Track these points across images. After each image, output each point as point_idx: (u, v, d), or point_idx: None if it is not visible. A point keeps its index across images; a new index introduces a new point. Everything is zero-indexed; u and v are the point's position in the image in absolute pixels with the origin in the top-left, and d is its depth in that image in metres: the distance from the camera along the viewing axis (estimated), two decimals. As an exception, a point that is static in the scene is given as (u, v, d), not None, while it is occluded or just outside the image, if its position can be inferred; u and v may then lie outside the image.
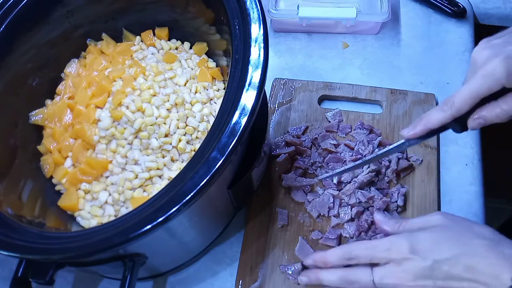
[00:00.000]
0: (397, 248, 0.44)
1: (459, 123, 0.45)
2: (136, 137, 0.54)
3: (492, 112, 0.42)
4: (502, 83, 0.40)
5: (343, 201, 0.60)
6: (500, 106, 0.42)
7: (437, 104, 0.68)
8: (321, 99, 0.70)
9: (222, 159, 0.42)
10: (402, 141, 0.48)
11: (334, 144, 0.64)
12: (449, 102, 0.44)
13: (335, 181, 0.61)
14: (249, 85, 0.45)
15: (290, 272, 0.55)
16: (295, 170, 0.63)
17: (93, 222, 0.54)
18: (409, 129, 0.46)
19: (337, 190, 0.60)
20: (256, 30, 0.48)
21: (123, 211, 0.54)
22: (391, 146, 0.51)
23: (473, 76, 0.42)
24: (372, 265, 0.46)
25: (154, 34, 0.64)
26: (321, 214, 0.59)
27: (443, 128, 0.46)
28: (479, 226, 0.44)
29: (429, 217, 0.46)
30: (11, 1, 0.55)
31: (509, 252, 0.40)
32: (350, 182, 0.60)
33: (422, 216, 0.48)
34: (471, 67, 0.44)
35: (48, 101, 0.59)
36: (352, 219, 0.59)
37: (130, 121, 0.53)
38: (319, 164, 0.63)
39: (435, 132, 0.47)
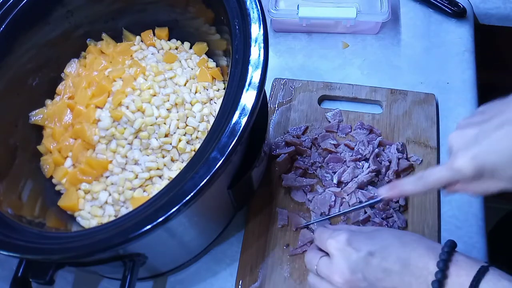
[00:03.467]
0: (337, 238, 0.46)
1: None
2: (136, 137, 0.54)
3: (466, 189, 0.44)
4: (470, 178, 0.42)
5: (344, 199, 0.60)
6: (474, 187, 0.44)
7: (437, 104, 0.68)
8: (321, 99, 0.70)
9: (222, 159, 0.42)
10: (378, 198, 0.49)
11: (334, 144, 0.64)
12: (423, 179, 0.45)
13: (335, 181, 0.61)
14: (249, 85, 0.45)
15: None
16: (295, 170, 0.63)
17: (93, 222, 0.53)
18: (386, 190, 0.48)
19: (339, 188, 0.60)
20: (256, 30, 0.48)
21: (123, 211, 0.54)
22: (366, 203, 0.53)
23: (446, 163, 0.44)
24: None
25: (154, 34, 0.64)
26: (322, 212, 0.60)
27: None
28: (410, 232, 0.48)
29: (367, 226, 0.51)
30: (11, 1, 0.55)
31: (433, 244, 0.43)
32: (350, 181, 0.60)
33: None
34: (449, 149, 0.45)
35: (48, 101, 0.59)
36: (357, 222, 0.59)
37: (130, 121, 0.53)
38: (319, 164, 0.63)
39: None
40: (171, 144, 0.54)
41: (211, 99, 0.59)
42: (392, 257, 0.43)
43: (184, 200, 0.40)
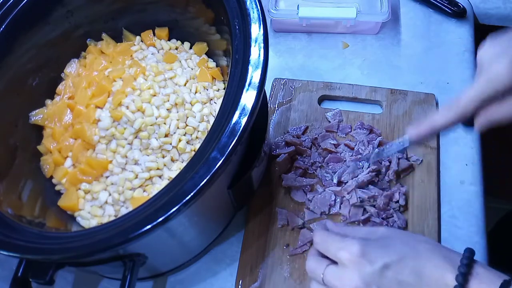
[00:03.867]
0: (349, 249, 0.43)
1: (465, 123, 0.45)
2: (136, 137, 0.54)
3: (500, 111, 0.42)
4: (508, 86, 0.40)
5: (344, 198, 0.60)
6: (509, 105, 0.41)
7: (437, 104, 0.68)
8: (321, 99, 0.70)
9: (222, 159, 0.42)
10: (406, 139, 0.47)
11: (334, 144, 0.64)
12: (455, 104, 0.43)
13: (335, 180, 0.61)
14: (249, 85, 0.45)
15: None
16: (295, 170, 0.63)
17: (93, 222, 0.54)
18: (414, 129, 0.46)
19: (339, 187, 0.60)
20: (256, 30, 0.48)
21: (123, 211, 0.54)
22: (393, 146, 0.51)
23: (479, 77, 0.42)
24: (333, 261, 0.45)
25: (154, 34, 0.64)
26: (323, 211, 0.59)
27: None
28: (421, 235, 0.46)
29: (374, 229, 0.47)
30: (11, 1, 0.55)
31: (449, 254, 0.41)
32: (350, 180, 0.60)
33: (367, 227, 0.49)
34: (478, 66, 0.43)
35: (48, 101, 0.59)
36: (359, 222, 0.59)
37: (130, 121, 0.53)
38: (319, 164, 0.63)
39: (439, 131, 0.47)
40: (171, 144, 0.54)
41: (211, 99, 0.59)
42: (408, 269, 0.41)
43: (184, 200, 0.40)
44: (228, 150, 0.42)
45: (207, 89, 0.59)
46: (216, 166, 0.41)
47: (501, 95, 0.41)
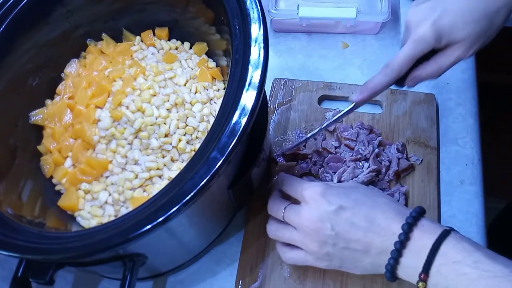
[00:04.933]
0: (313, 188, 0.48)
1: (399, 82, 0.53)
2: (136, 137, 0.54)
3: (425, 71, 0.50)
4: (431, 45, 0.48)
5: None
6: (431, 65, 0.50)
7: (437, 104, 0.68)
8: (321, 99, 0.70)
9: (222, 159, 0.42)
10: (352, 104, 0.54)
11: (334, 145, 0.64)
12: (390, 67, 0.50)
13: (335, 180, 0.61)
14: (249, 85, 0.45)
15: None
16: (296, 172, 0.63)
17: (93, 222, 0.53)
18: (357, 95, 0.52)
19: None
20: (256, 30, 0.48)
21: (123, 211, 0.54)
22: (344, 110, 0.55)
23: (408, 40, 0.49)
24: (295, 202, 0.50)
25: (154, 34, 0.64)
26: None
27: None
28: (385, 194, 0.50)
29: (344, 183, 0.54)
30: (11, 1, 0.55)
31: (403, 210, 0.46)
32: (350, 180, 0.60)
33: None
34: (405, 30, 0.51)
35: (48, 101, 0.59)
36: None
37: (130, 121, 0.53)
38: (320, 164, 0.63)
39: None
40: (171, 144, 0.54)
41: (211, 99, 0.59)
42: (361, 214, 0.46)
43: (184, 200, 0.40)
44: (228, 150, 0.42)
45: (207, 89, 0.59)
46: (216, 166, 0.41)
47: (426, 55, 0.49)
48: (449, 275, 0.40)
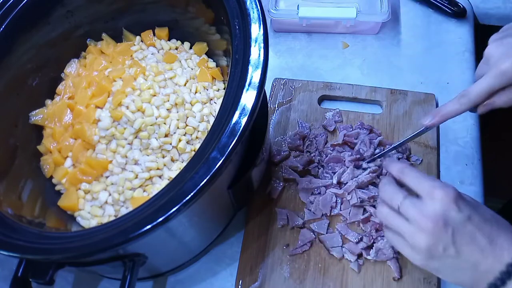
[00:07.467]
0: (446, 190, 0.44)
1: (472, 109, 0.52)
2: (136, 137, 0.54)
3: (501, 99, 0.49)
4: (511, 80, 0.48)
5: (344, 199, 0.60)
6: (507, 95, 0.49)
7: (437, 104, 0.68)
8: (321, 99, 0.70)
9: (222, 159, 0.42)
10: (422, 128, 0.54)
11: (334, 145, 0.64)
12: (467, 97, 0.50)
13: (335, 181, 0.61)
14: (249, 85, 0.45)
15: None
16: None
17: (93, 222, 0.53)
18: (429, 119, 0.53)
19: (340, 189, 0.60)
20: (256, 30, 0.48)
21: (123, 211, 0.54)
22: (412, 134, 0.56)
23: (488, 72, 0.49)
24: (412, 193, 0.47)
25: (154, 34, 0.64)
26: (324, 213, 0.59)
27: None
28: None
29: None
30: (11, 1, 0.55)
31: None
32: (350, 180, 0.60)
33: None
34: (484, 61, 0.51)
35: (48, 101, 0.59)
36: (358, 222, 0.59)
37: (130, 121, 0.53)
38: (321, 163, 0.63)
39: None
40: (171, 144, 0.54)
41: (211, 99, 0.59)
42: (486, 231, 0.44)
43: (184, 200, 0.40)
44: (228, 150, 0.42)
45: (207, 89, 0.59)
46: (216, 166, 0.41)
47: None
48: None
